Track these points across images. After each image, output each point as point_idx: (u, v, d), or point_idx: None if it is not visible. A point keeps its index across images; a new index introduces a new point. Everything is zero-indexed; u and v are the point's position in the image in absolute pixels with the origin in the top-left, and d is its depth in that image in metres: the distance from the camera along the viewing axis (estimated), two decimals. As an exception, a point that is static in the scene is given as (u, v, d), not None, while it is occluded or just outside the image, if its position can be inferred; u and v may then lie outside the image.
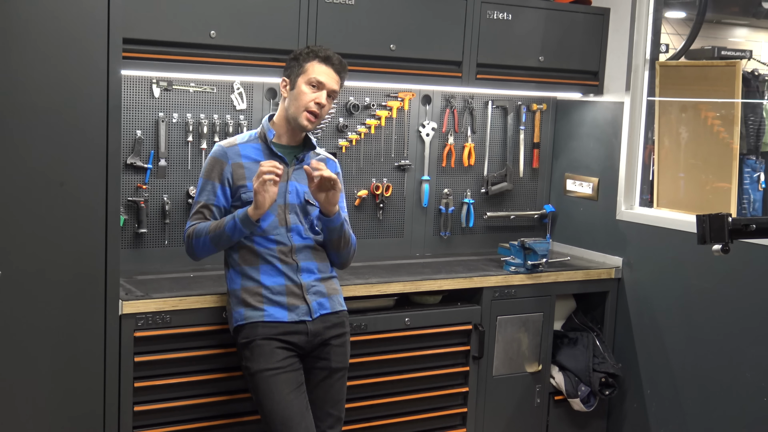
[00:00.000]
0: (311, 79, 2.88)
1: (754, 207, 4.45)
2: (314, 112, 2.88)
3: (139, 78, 3.35)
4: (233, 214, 2.82)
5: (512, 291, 3.72)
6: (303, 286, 2.89)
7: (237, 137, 3.01)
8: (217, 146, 2.98)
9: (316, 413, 2.88)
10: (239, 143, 2.96)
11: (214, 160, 2.94)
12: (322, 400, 2.92)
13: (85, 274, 2.78)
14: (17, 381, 2.73)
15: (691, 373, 3.68)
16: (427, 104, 3.99)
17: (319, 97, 2.87)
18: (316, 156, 3.05)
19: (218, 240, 2.85)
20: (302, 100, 2.88)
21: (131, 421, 2.96)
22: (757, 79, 4.41)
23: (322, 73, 2.89)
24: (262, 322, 2.84)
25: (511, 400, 3.82)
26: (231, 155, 2.92)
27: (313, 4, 3.35)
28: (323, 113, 2.92)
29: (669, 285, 3.77)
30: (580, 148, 4.21)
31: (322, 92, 2.88)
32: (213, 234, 2.84)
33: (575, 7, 4.00)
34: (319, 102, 2.87)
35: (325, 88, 2.89)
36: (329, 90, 2.90)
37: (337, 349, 2.94)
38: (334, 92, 2.93)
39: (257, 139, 2.97)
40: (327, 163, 3.05)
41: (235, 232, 2.82)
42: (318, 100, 2.87)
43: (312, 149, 3.02)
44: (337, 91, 2.94)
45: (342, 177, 3.13)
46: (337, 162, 3.15)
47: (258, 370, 2.81)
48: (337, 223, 2.92)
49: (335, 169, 3.08)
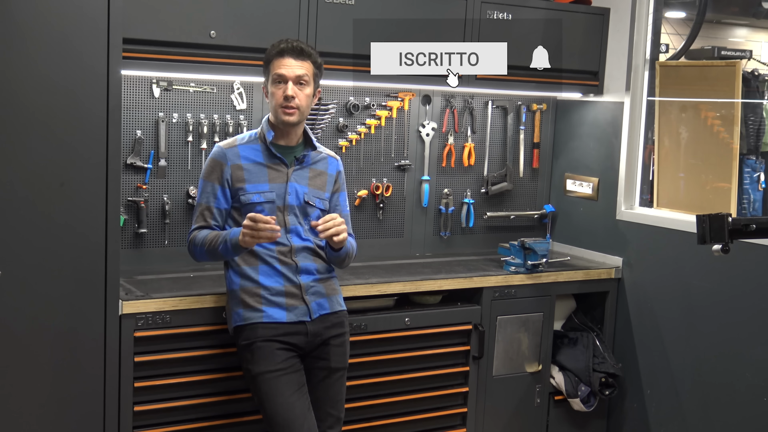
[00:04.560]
0: (273, 77, 2.87)
1: (754, 207, 4.45)
2: (288, 106, 2.85)
3: (139, 78, 3.35)
4: (225, 237, 2.81)
5: (512, 291, 3.72)
6: (302, 286, 2.89)
7: (237, 138, 3.00)
8: (216, 147, 2.97)
9: (316, 413, 2.88)
10: (239, 144, 2.95)
11: (213, 162, 2.93)
12: (322, 400, 2.91)
13: (85, 274, 2.78)
14: (17, 381, 2.73)
15: (691, 373, 3.68)
16: (427, 104, 3.99)
17: (285, 90, 2.84)
18: (318, 155, 3.02)
19: (214, 254, 2.87)
20: (274, 100, 2.88)
21: (131, 421, 2.96)
22: (757, 79, 4.41)
23: (280, 66, 2.85)
24: (261, 323, 2.84)
25: (511, 400, 3.82)
26: (230, 156, 2.92)
27: (313, 4, 3.35)
28: (301, 103, 2.86)
29: (669, 285, 3.77)
30: (580, 148, 4.21)
31: (287, 84, 2.84)
32: (209, 248, 2.86)
33: (575, 7, 4.00)
34: (287, 95, 2.83)
35: (288, 78, 2.84)
36: (294, 78, 2.84)
37: (337, 349, 2.94)
38: (302, 78, 2.86)
39: (257, 139, 2.96)
40: (329, 161, 3.04)
41: (228, 254, 2.84)
42: (285, 93, 2.83)
43: (313, 148, 3.01)
44: (302, 75, 2.86)
45: (344, 175, 3.11)
46: (340, 160, 3.13)
47: (259, 372, 2.81)
48: (342, 254, 2.93)
49: (338, 168, 3.07)
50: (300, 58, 2.86)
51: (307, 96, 2.89)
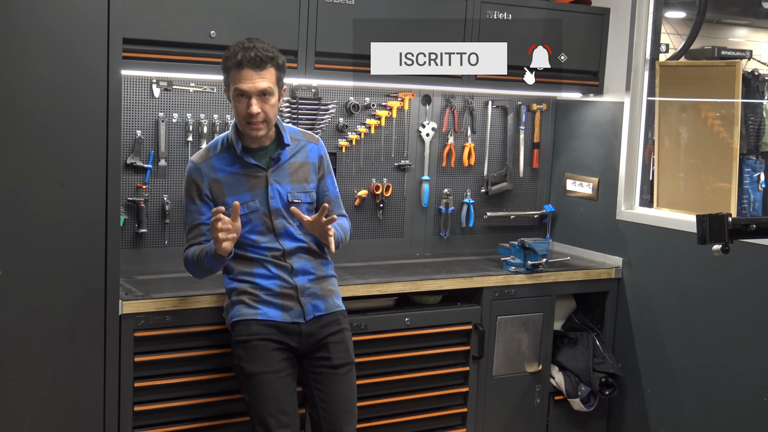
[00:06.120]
0: (234, 91, 2.72)
1: (754, 207, 4.45)
2: (254, 122, 2.72)
3: (139, 78, 3.35)
4: (206, 249, 2.77)
5: (512, 291, 3.72)
6: (298, 288, 2.87)
7: (209, 147, 2.89)
8: (190, 163, 2.87)
9: (329, 411, 2.83)
10: (213, 156, 2.85)
11: (190, 179, 2.86)
12: (332, 397, 2.85)
13: (85, 274, 2.78)
14: (17, 381, 2.73)
15: (691, 373, 3.68)
16: (427, 104, 3.99)
17: (250, 106, 2.70)
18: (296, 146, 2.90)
19: (204, 268, 2.85)
20: (238, 113, 2.74)
21: (131, 421, 2.96)
22: (757, 79, 4.41)
23: (241, 79, 2.69)
24: (255, 320, 2.82)
25: (511, 400, 3.82)
26: (206, 171, 2.84)
27: (313, 4, 3.35)
28: (267, 114, 2.73)
29: (669, 285, 3.77)
30: (580, 148, 4.21)
31: (251, 100, 2.70)
32: (198, 263, 2.84)
33: (575, 7, 4.00)
34: (250, 112, 2.70)
35: (250, 94, 2.70)
36: (256, 92, 2.70)
37: (336, 346, 2.90)
38: (265, 90, 2.70)
39: (229, 146, 2.85)
40: (308, 149, 2.93)
41: (214, 265, 2.81)
42: (250, 111, 2.70)
43: (286, 146, 2.87)
44: (265, 88, 2.70)
45: (327, 156, 3.01)
46: (321, 142, 3.00)
47: (254, 373, 2.79)
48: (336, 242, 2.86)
49: (319, 153, 2.97)
50: (260, 68, 2.69)
51: (272, 106, 2.75)
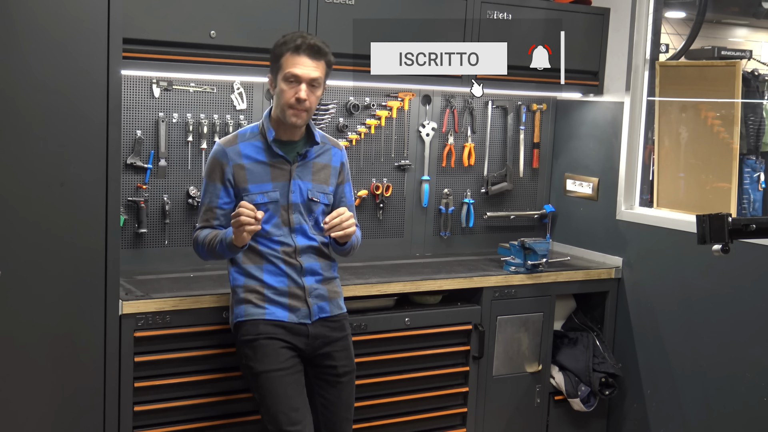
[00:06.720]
0: (287, 75, 2.75)
1: (754, 207, 4.45)
2: (299, 108, 2.77)
3: (139, 78, 3.35)
4: (222, 237, 2.78)
5: (512, 291, 3.72)
6: (306, 288, 2.87)
7: (238, 133, 2.92)
8: (217, 145, 2.91)
9: (330, 418, 2.89)
10: (240, 142, 2.88)
11: (214, 161, 2.88)
12: (336, 405, 2.91)
13: (85, 274, 2.78)
14: (17, 381, 2.73)
15: (691, 373, 3.68)
16: (427, 104, 3.99)
17: (298, 92, 2.75)
18: (321, 147, 2.94)
19: (214, 253, 2.84)
20: (283, 98, 2.78)
21: (131, 421, 2.96)
22: (757, 79, 4.41)
23: (296, 65, 2.75)
24: (263, 320, 2.82)
25: (511, 400, 3.82)
26: (232, 155, 2.86)
27: (313, 4, 3.35)
28: (311, 105, 2.80)
29: (669, 285, 3.77)
30: (580, 148, 4.21)
31: (300, 86, 2.75)
32: (209, 248, 2.84)
33: (575, 7, 4.00)
34: (299, 97, 2.75)
35: (302, 80, 2.76)
36: (308, 80, 2.76)
37: (341, 353, 2.92)
38: (316, 80, 2.77)
39: (258, 135, 2.89)
40: (332, 153, 2.97)
41: (226, 253, 2.82)
42: (298, 96, 2.75)
43: (315, 144, 2.92)
44: (317, 78, 2.77)
45: (348, 165, 3.05)
46: (344, 150, 3.05)
47: (263, 371, 2.79)
48: (347, 247, 2.91)
49: (342, 159, 3.00)
50: (316, 58, 2.77)
51: (317, 98, 2.82)
